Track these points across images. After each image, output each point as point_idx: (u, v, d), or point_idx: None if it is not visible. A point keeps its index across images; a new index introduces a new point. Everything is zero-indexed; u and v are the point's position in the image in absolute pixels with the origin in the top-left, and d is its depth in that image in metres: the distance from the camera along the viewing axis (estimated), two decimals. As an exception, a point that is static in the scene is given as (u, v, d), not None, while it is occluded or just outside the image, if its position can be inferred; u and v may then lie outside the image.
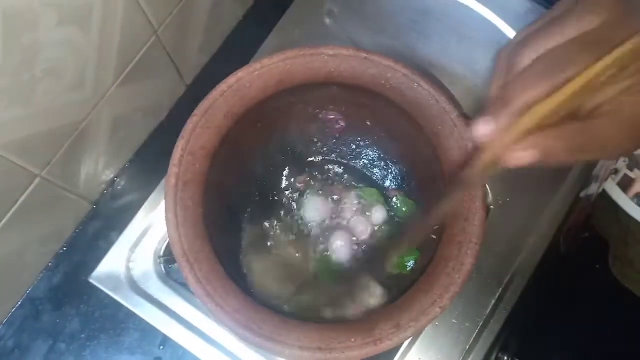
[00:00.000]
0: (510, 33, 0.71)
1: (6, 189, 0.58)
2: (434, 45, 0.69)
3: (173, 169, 0.48)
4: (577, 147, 0.35)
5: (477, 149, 0.38)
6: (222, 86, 0.50)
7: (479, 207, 0.47)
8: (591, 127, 0.35)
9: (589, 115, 0.36)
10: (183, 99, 0.78)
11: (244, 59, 0.74)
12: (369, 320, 0.48)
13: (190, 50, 0.75)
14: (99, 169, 0.71)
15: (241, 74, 0.50)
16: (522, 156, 0.35)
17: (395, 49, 0.68)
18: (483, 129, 0.36)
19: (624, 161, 0.83)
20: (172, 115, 0.77)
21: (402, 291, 0.49)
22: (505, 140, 0.35)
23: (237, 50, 0.79)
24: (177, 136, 0.70)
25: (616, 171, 0.83)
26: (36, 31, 0.50)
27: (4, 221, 0.60)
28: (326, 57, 0.50)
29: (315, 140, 0.63)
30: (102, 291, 0.68)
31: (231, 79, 0.50)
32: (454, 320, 0.64)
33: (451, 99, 0.50)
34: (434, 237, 0.55)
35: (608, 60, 0.33)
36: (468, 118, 0.51)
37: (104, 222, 0.72)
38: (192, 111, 0.72)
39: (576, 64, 0.34)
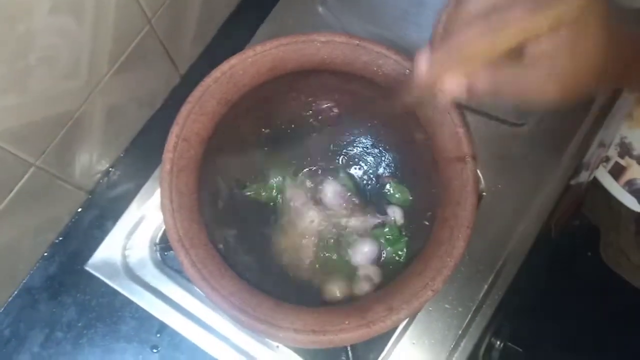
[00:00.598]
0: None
1: (1, 178, 0.58)
2: (425, 33, 0.69)
3: (167, 155, 0.48)
4: (503, 87, 0.38)
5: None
6: (216, 73, 0.51)
7: (470, 191, 0.48)
8: (521, 72, 0.37)
9: (523, 62, 0.37)
10: (177, 88, 0.78)
11: (238, 49, 0.73)
12: (361, 304, 0.48)
13: (184, 39, 0.75)
14: (94, 159, 0.71)
15: (234, 60, 0.51)
16: (451, 84, 0.38)
17: (388, 38, 0.68)
18: (423, 58, 0.40)
19: (616, 149, 0.84)
20: (166, 105, 0.78)
21: (395, 274, 0.50)
22: (438, 70, 0.39)
23: (230, 40, 0.79)
24: (171, 124, 0.72)
25: (607, 159, 0.84)
26: (30, 19, 0.50)
27: (-1, 209, 0.60)
28: (318, 44, 0.51)
29: (310, 127, 0.63)
30: (98, 280, 0.68)
31: (224, 66, 0.51)
32: (447, 306, 0.65)
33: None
34: (427, 223, 0.55)
35: (548, 14, 0.35)
36: (460, 106, 0.52)
37: (99, 212, 0.72)
38: (187, 101, 0.73)
39: (518, 13, 0.35)
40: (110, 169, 0.74)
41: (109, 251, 0.68)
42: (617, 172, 0.83)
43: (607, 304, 0.84)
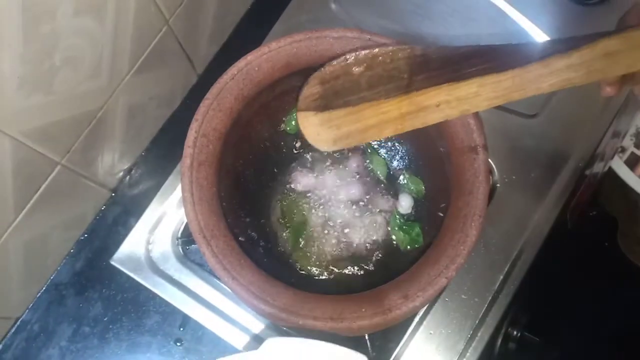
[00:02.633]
0: (513, 14, 0.72)
1: (29, 176, 0.60)
2: (438, 27, 0.70)
3: (188, 150, 0.50)
4: None
5: None
6: (233, 70, 0.52)
7: (482, 180, 0.49)
8: None
9: None
10: (195, 88, 0.80)
11: (253, 47, 0.75)
12: (378, 292, 0.50)
13: (201, 39, 0.77)
14: (116, 157, 0.73)
15: (250, 57, 0.52)
16: None
17: (400, 32, 0.69)
18: None
19: (631, 139, 0.84)
20: (185, 104, 0.80)
21: (410, 263, 0.51)
22: None
23: (246, 38, 0.81)
24: (189, 122, 0.73)
25: (623, 149, 0.84)
26: (54, 21, 0.52)
27: (27, 208, 0.62)
28: (331, 40, 0.52)
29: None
30: (122, 275, 0.70)
31: (241, 63, 0.52)
32: (463, 296, 0.66)
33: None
34: (441, 214, 0.56)
35: None
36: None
37: (122, 208, 0.74)
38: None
39: None
40: (132, 167, 0.76)
41: (133, 246, 0.70)
42: (633, 162, 0.83)
43: (624, 292, 0.84)
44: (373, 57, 0.52)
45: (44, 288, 0.71)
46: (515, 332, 0.69)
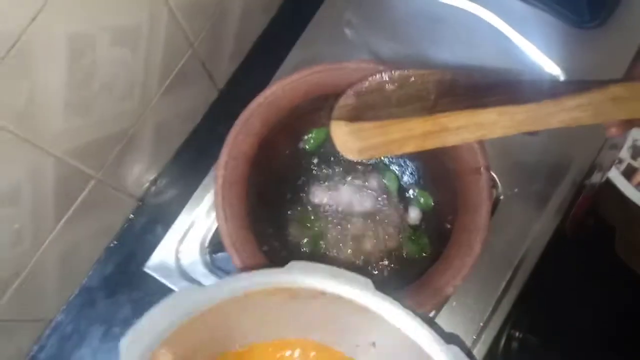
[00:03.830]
0: (514, 37, 0.76)
1: (67, 191, 0.66)
2: (444, 51, 0.74)
3: (220, 172, 0.55)
4: None
5: None
6: (259, 98, 0.57)
7: (485, 199, 0.54)
8: None
9: None
10: (216, 103, 0.85)
11: (270, 64, 0.81)
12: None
13: (221, 58, 0.82)
14: (143, 169, 0.78)
15: (275, 87, 0.57)
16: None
17: (408, 55, 0.74)
18: None
19: (628, 151, 0.89)
20: (206, 118, 0.84)
21: (420, 272, 0.56)
22: None
23: (263, 55, 0.85)
24: (212, 137, 0.78)
25: (620, 160, 0.88)
26: (94, 52, 0.57)
27: (64, 219, 0.67)
28: (349, 71, 0.57)
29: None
30: (150, 279, 0.75)
31: (267, 92, 0.57)
32: (468, 301, 0.70)
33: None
34: (449, 226, 0.61)
35: None
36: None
37: (149, 217, 0.79)
38: (225, 114, 0.79)
39: None
40: (157, 177, 0.81)
41: (164, 254, 0.75)
42: (629, 173, 0.88)
43: (622, 298, 0.88)
44: (406, 77, 0.56)
45: (76, 292, 0.76)
46: (517, 334, 0.74)
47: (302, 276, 0.49)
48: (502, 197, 0.72)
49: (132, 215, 0.79)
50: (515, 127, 0.52)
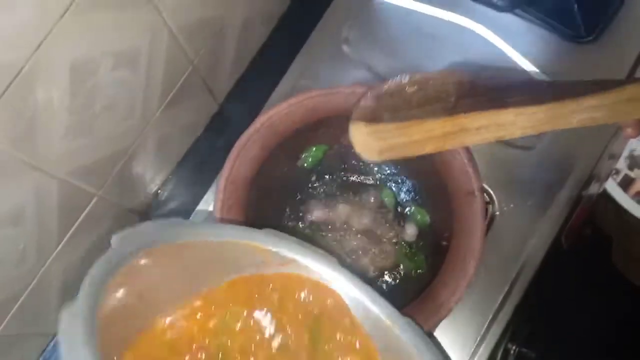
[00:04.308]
0: (510, 52, 0.77)
1: (70, 209, 0.67)
2: (440, 67, 0.75)
3: (219, 195, 0.56)
4: None
5: None
6: (256, 124, 0.58)
7: (479, 222, 0.55)
8: None
9: None
10: (216, 115, 0.86)
11: (270, 76, 0.82)
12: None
13: (221, 72, 0.83)
14: (145, 182, 0.79)
15: (272, 112, 0.58)
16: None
17: (404, 70, 0.74)
18: None
19: (625, 161, 0.89)
20: (207, 131, 0.85)
21: (416, 290, 0.57)
22: None
23: (263, 68, 0.86)
24: (213, 149, 0.79)
25: (617, 171, 0.89)
26: (96, 77, 0.58)
27: (67, 236, 0.68)
28: (344, 95, 0.58)
29: (339, 158, 0.71)
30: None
31: (263, 117, 0.58)
32: (466, 313, 0.71)
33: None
34: (445, 243, 0.62)
35: None
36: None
37: (150, 231, 0.80)
38: (225, 126, 0.81)
39: None
40: (159, 191, 0.82)
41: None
42: (626, 184, 0.88)
43: (619, 309, 0.89)
44: (426, 79, 0.58)
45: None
46: (514, 348, 0.75)
47: (276, 239, 0.50)
48: (498, 213, 0.73)
49: (134, 229, 0.80)
50: (534, 127, 0.52)
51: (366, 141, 0.58)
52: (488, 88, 0.55)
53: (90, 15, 0.53)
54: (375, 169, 0.73)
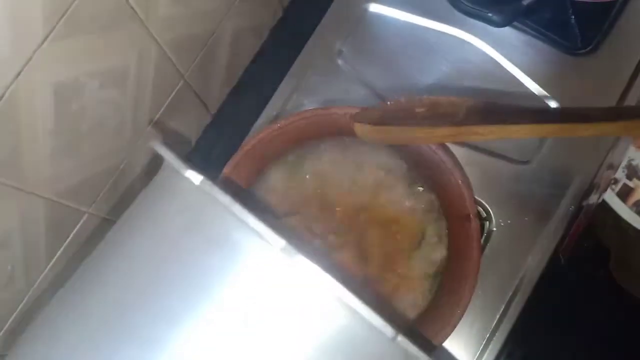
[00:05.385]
0: (506, 64, 0.76)
1: (59, 229, 0.66)
2: (436, 80, 0.74)
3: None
4: None
5: None
6: (247, 146, 0.57)
7: (474, 246, 0.54)
8: None
9: None
10: (209, 126, 0.85)
11: (263, 86, 0.80)
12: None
13: (213, 85, 0.82)
14: (137, 196, 0.78)
15: (262, 134, 0.57)
16: None
17: (399, 84, 0.73)
18: None
19: (623, 171, 0.88)
20: (200, 142, 0.84)
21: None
22: None
23: (255, 79, 0.85)
24: (205, 162, 0.78)
25: (615, 181, 0.88)
26: (82, 97, 0.57)
27: (56, 256, 0.67)
28: (336, 116, 0.57)
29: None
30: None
31: (253, 140, 0.57)
32: (463, 332, 0.70)
33: (448, 152, 0.57)
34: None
35: None
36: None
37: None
38: (218, 137, 0.79)
39: None
40: (151, 205, 0.81)
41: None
42: (625, 193, 0.87)
43: (619, 323, 0.88)
44: (436, 102, 0.58)
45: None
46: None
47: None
48: (494, 229, 0.72)
49: (126, 244, 0.79)
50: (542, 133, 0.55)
51: (369, 132, 0.57)
52: (498, 112, 0.54)
53: (72, 39, 0.52)
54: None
